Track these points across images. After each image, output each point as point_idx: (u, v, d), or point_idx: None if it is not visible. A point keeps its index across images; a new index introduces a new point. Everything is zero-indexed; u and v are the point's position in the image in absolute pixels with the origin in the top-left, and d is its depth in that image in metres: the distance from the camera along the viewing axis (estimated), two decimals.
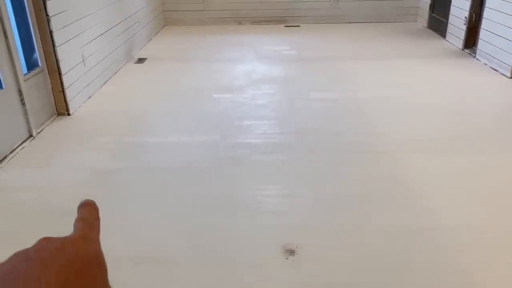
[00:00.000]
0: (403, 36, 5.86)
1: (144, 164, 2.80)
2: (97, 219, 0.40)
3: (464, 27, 5.02)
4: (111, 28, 4.35)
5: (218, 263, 1.96)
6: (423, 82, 4.14)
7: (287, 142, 3.05)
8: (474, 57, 4.77)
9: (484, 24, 4.58)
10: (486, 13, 4.54)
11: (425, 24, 6.23)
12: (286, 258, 1.96)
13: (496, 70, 4.33)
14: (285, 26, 6.53)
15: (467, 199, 2.37)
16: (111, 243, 0.35)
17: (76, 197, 2.75)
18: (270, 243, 2.06)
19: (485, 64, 4.54)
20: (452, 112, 3.45)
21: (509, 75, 4.13)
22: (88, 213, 0.40)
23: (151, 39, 5.85)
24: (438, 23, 5.82)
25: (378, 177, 2.59)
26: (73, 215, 0.38)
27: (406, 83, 4.11)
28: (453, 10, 5.34)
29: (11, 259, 0.33)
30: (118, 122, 3.40)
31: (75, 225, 0.38)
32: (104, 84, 4.16)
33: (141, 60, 4.95)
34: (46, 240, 0.35)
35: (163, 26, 6.57)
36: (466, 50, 5.01)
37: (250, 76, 4.44)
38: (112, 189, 2.54)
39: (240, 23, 6.66)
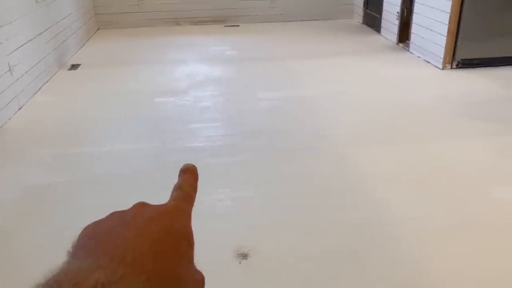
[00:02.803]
0: (340, 33, 6.00)
1: (86, 175, 2.64)
2: (194, 190, 0.40)
3: (397, 22, 5.22)
4: (39, 35, 4.09)
5: None
6: (363, 78, 4.24)
7: (234, 144, 3.00)
8: (408, 50, 4.97)
9: (415, 18, 4.78)
10: (416, 7, 4.74)
11: (361, 20, 6.41)
12: (240, 263, 1.91)
13: (429, 63, 4.53)
14: (225, 26, 6.47)
15: (412, 189, 2.44)
16: (58, 256, 0.30)
17: (10, 217, 2.53)
18: (222, 248, 2.01)
19: (418, 57, 4.74)
20: (391, 105, 3.56)
21: (441, 66, 4.34)
22: (187, 183, 0.40)
23: (84, 44, 5.57)
24: (372, 19, 6.01)
25: (326, 174, 2.61)
26: (8, 234, 0.31)
27: (347, 80, 4.20)
28: (386, 5, 5.53)
29: (107, 219, 0.34)
30: (53, 133, 3.19)
31: (172, 192, 0.39)
32: (35, 93, 3.90)
33: (74, 67, 4.70)
34: (142, 206, 0.35)
35: (97, 30, 6.29)
36: (400, 44, 5.21)
37: (193, 77, 4.34)
38: (53, 204, 2.37)
39: (178, 24, 6.52)
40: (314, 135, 3.08)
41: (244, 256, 1.95)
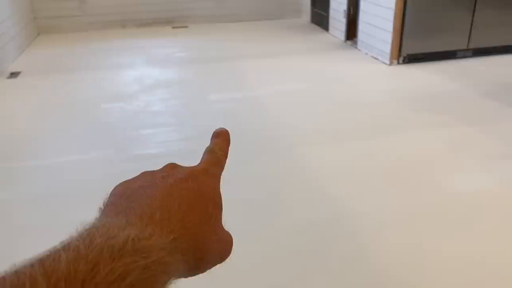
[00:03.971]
0: (289, 32, 6.03)
1: (30, 191, 2.47)
2: (225, 154, 0.42)
3: (344, 20, 5.30)
4: None
5: None
6: (312, 76, 4.27)
7: (189, 148, 2.91)
8: (356, 48, 5.06)
9: (362, 16, 4.88)
10: (362, 5, 4.83)
11: (309, 19, 6.48)
12: None
13: (377, 59, 4.63)
14: (172, 28, 6.34)
15: (366, 184, 2.46)
16: None
17: None
18: None
19: (366, 54, 4.84)
20: (341, 102, 3.60)
21: (388, 62, 4.44)
22: (218, 147, 0.42)
23: (24, 50, 5.27)
24: (320, 17, 6.08)
25: (280, 174, 2.59)
26: None
27: (296, 79, 4.21)
28: (333, 4, 5.61)
29: (138, 178, 0.36)
30: None
31: (204, 155, 0.40)
32: None
33: (14, 75, 4.42)
34: (172, 167, 0.37)
35: (37, 35, 5.97)
36: (348, 42, 5.30)
37: (142, 81, 4.20)
38: None
39: (124, 26, 6.31)
40: (267, 135, 3.05)
41: None
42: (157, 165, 0.39)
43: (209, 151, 0.41)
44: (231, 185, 2.44)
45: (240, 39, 5.70)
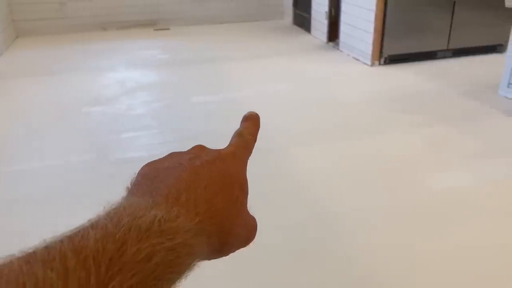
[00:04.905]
0: (272, 33, 6.04)
1: (4, 198, 2.41)
2: (254, 138, 0.42)
3: (326, 22, 5.34)
4: None
5: None
6: (295, 77, 4.28)
7: (172, 151, 2.89)
8: (338, 49, 5.10)
9: (343, 17, 4.92)
10: (344, 7, 4.87)
11: (291, 21, 6.50)
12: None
13: (358, 60, 4.67)
14: (154, 30, 6.29)
15: (349, 184, 2.47)
16: None
17: None
18: None
19: (348, 55, 4.88)
20: (324, 103, 3.62)
21: (369, 63, 4.48)
22: (248, 130, 0.42)
23: (2, 53, 5.16)
24: (302, 19, 6.11)
25: (264, 175, 2.58)
26: None
27: (279, 80, 4.22)
28: (314, 5, 5.64)
29: (165, 159, 0.36)
30: None
31: (232, 138, 0.40)
32: None
33: None
34: (200, 149, 0.38)
35: (16, 39, 5.86)
36: (330, 43, 5.33)
37: (123, 84, 4.16)
38: None
39: (104, 29, 6.24)
40: None
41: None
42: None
43: (238, 134, 0.41)
44: None
45: (222, 41, 5.69)
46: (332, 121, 3.28)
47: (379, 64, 4.48)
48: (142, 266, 0.24)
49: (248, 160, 0.39)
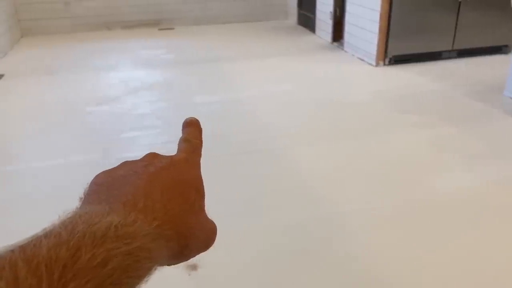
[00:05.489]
0: (276, 33, 6.04)
1: (7, 198, 2.42)
2: (200, 142, 0.42)
3: (331, 22, 5.33)
4: None
5: None
6: (299, 77, 4.28)
7: (176, 151, 2.89)
8: (343, 49, 5.08)
9: (348, 17, 4.91)
10: (349, 7, 4.86)
11: (295, 21, 6.49)
12: (189, 274, 1.83)
13: (363, 60, 4.66)
14: (158, 30, 6.30)
15: (353, 184, 2.47)
16: None
17: None
18: None
19: (352, 55, 4.86)
20: (328, 103, 3.61)
21: (374, 64, 4.47)
22: (192, 135, 0.42)
23: (7, 53, 5.18)
24: (307, 19, 6.10)
25: (268, 175, 2.58)
26: None
27: (283, 80, 4.21)
28: (319, 6, 5.63)
29: (119, 167, 0.36)
30: None
31: (179, 144, 0.41)
32: None
33: None
34: (153, 156, 0.38)
35: (21, 38, 5.89)
36: (334, 43, 5.32)
37: (127, 84, 4.16)
38: None
39: (109, 28, 6.26)
40: (254, 137, 3.04)
41: (194, 267, 1.87)
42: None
43: (184, 140, 0.41)
44: (219, 185, 2.44)
45: (227, 41, 5.69)
46: (336, 121, 3.27)
47: (384, 64, 4.47)
48: (98, 272, 0.24)
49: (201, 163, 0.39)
